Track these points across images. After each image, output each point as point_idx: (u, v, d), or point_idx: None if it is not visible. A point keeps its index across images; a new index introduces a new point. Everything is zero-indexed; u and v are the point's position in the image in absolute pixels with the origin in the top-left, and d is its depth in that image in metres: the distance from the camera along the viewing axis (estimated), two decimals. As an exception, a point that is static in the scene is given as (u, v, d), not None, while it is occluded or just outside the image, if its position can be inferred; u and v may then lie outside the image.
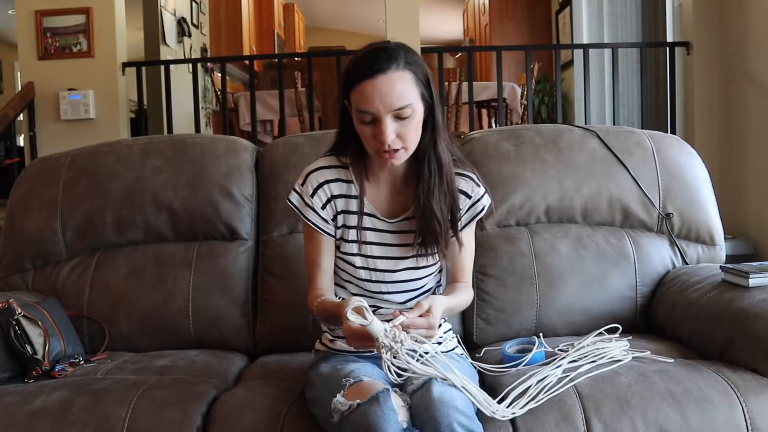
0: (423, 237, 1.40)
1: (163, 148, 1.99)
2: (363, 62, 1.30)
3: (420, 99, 1.32)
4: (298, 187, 1.46)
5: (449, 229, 1.41)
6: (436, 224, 1.38)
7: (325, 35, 9.97)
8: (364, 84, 1.28)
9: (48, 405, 1.40)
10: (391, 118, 1.29)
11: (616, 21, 5.01)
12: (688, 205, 1.92)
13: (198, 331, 1.84)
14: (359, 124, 1.33)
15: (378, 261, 1.45)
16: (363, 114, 1.30)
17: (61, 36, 3.84)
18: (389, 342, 1.18)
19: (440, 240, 1.40)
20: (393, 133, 1.30)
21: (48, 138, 3.84)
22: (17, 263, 1.96)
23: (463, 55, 5.70)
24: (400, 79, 1.28)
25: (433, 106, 1.35)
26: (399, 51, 1.31)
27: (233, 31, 6.72)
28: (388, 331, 1.19)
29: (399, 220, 1.45)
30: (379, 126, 1.30)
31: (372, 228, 1.45)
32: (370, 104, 1.28)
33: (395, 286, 1.47)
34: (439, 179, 1.38)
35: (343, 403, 1.15)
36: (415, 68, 1.31)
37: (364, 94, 1.28)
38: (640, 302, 1.84)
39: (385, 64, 1.28)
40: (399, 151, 1.33)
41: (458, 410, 1.15)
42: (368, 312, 1.19)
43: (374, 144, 1.33)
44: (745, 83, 3.13)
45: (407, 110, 1.29)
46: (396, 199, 1.45)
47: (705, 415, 1.31)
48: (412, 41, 3.65)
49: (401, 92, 1.28)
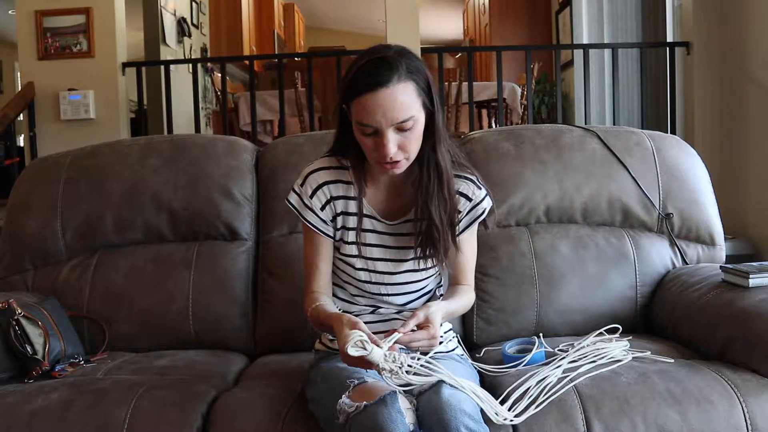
0: (422, 243, 1.39)
1: (163, 148, 1.99)
2: (364, 74, 1.26)
3: (422, 108, 1.30)
4: (297, 187, 1.45)
5: (449, 235, 1.39)
6: (434, 230, 1.36)
7: (325, 35, 9.97)
8: (365, 97, 1.25)
9: (48, 405, 1.40)
10: (393, 130, 1.27)
11: (616, 21, 5.01)
12: (688, 205, 1.92)
13: (198, 331, 1.84)
14: (360, 135, 1.31)
15: (378, 263, 1.45)
16: (364, 127, 1.28)
17: (61, 36, 3.84)
18: (389, 366, 1.18)
19: (439, 246, 1.38)
20: (395, 146, 1.28)
21: (48, 138, 3.84)
22: (17, 263, 1.96)
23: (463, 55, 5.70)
24: (402, 91, 1.26)
25: (434, 111, 1.33)
26: (400, 60, 1.27)
27: (233, 31, 6.71)
28: (387, 356, 1.18)
29: (399, 223, 1.44)
30: (380, 139, 1.28)
31: (372, 230, 1.44)
32: (372, 118, 1.26)
33: (395, 288, 1.46)
34: (438, 184, 1.36)
35: (349, 404, 1.15)
36: (417, 76, 1.28)
37: (365, 108, 1.26)
38: (640, 302, 1.84)
39: (386, 76, 1.25)
40: (400, 162, 1.32)
41: (466, 413, 1.15)
42: (367, 343, 1.17)
43: (375, 155, 1.31)
44: (745, 83, 3.13)
45: (409, 122, 1.27)
46: (396, 201, 1.45)
47: (705, 415, 1.31)
48: (412, 41, 3.66)
49: (404, 105, 1.26)
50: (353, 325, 1.22)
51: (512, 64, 5.83)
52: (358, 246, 1.43)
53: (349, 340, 1.17)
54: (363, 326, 1.22)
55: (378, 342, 1.19)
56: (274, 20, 7.91)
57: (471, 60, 3.99)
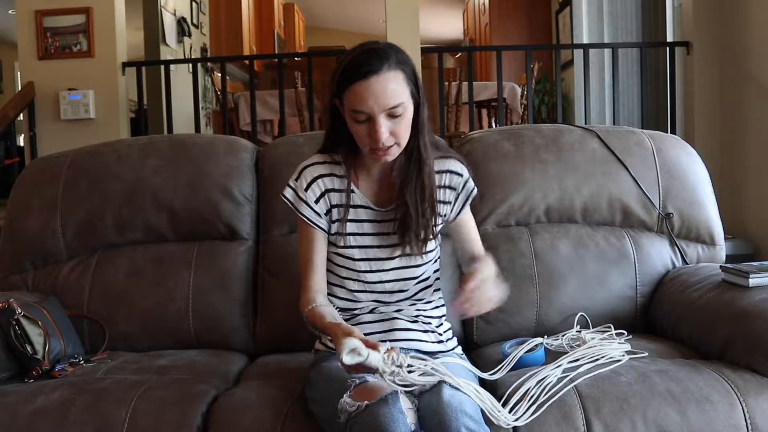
0: (398, 228, 1.44)
1: (163, 148, 1.99)
2: (355, 63, 1.33)
3: (410, 97, 1.36)
4: (292, 182, 1.48)
5: (428, 222, 1.43)
6: (408, 217, 1.42)
7: (325, 35, 9.96)
8: (357, 85, 1.32)
9: (48, 405, 1.40)
10: (384, 116, 1.33)
11: (616, 21, 5.01)
12: (688, 205, 1.92)
13: (198, 331, 1.84)
14: (353, 124, 1.36)
15: (375, 250, 1.47)
16: (357, 114, 1.34)
17: (61, 36, 3.84)
18: (390, 368, 1.17)
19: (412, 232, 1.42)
20: (387, 131, 1.34)
21: (48, 138, 3.84)
22: (17, 263, 1.96)
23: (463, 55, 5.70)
24: (393, 78, 1.32)
25: (420, 103, 1.39)
26: (390, 51, 1.34)
27: (233, 31, 6.71)
28: (386, 359, 1.18)
29: (390, 209, 1.48)
30: (373, 125, 1.33)
31: (367, 219, 1.48)
32: (364, 104, 1.32)
33: (394, 273, 1.48)
34: (418, 173, 1.42)
35: (350, 404, 1.15)
36: (405, 67, 1.35)
37: (358, 95, 1.32)
38: (640, 302, 1.84)
39: (377, 64, 1.31)
40: (392, 148, 1.37)
41: (467, 414, 1.15)
42: (362, 348, 1.17)
43: (368, 142, 1.36)
44: (745, 83, 3.13)
45: (399, 108, 1.33)
46: (388, 189, 1.48)
47: (705, 415, 1.31)
48: (412, 41, 3.66)
49: (394, 91, 1.32)
50: (349, 334, 1.22)
51: (512, 64, 5.83)
52: (353, 236, 1.46)
53: (343, 349, 1.16)
54: (358, 334, 1.22)
55: (376, 345, 1.19)
56: (274, 20, 7.91)
57: (471, 60, 3.99)
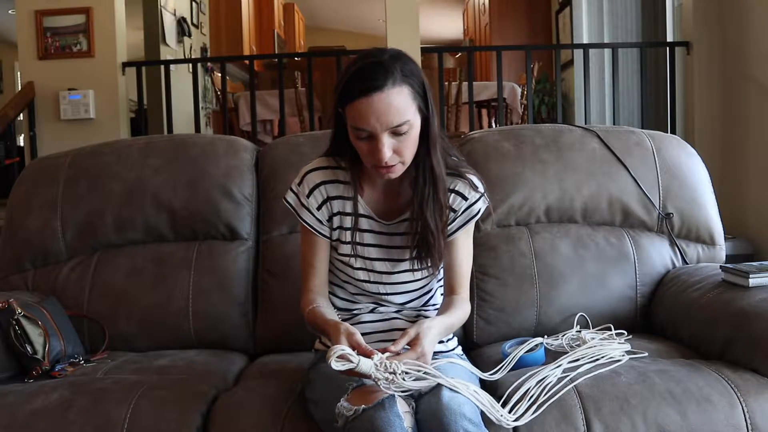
0: (418, 244, 1.38)
1: (163, 148, 1.99)
2: (358, 78, 1.25)
3: (417, 112, 1.29)
4: (294, 186, 1.45)
5: (442, 240, 1.38)
6: (429, 235, 1.36)
7: (325, 35, 9.96)
8: (359, 102, 1.24)
9: (48, 405, 1.40)
10: (387, 135, 1.26)
11: (616, 21, 5.01)
12: (688, 205, 1.92)
13: (198, 331, 1.84)
14: (355, 139, 1.31)
15: (375, 263, 1.44)
16: (359, 131, 1.28)
17: (61, 36, 3.84)
18: (383, 375, 1.16)
19: (433, 251, 1.37)
20: (390, 150, 1.27)
21: (48, 138, 3.84)
22: (17, 263, 1.96)
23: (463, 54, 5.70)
24: (397, 95, 1.25)
25: (429, 115, 1.31)
26: (395, 64, 1.26)
27: (233, 31, 6.71)
28: (378, 365, 1.16)
29: (395, 222, 1.44)
30: (375, 143, 1.27)
31: (369, 230, 1.44)
32: (366, 123, 1.25)
33: (394, 287, 1.46)
34: (433, 189, 1.35)
35: (347, 408, 1.14)
36: (412, 80, 1.27)
37: (360, 112, 1.25)
38: (640, 302, 1.84)
39: (381, 80, 1.24)
40: (396, 166, 1.31)
41: (465, 417, 1.14)
42: (353, 355, 1.15)
43: (371, 159, 1.31)
44: (745, 83, 3.13)
45: (404, 126, 1.26)
46: (392, 201, 1.44)
47: (705, 415, 1.31)
48: (412, 41, 3.66)
49: (398, 109, 1.25)
50: (350, 336, 1.21)
51: (512, 64, 5.83)
52: (355, 246, 1.43)
53: (331, 356, 1.14)
54: (359, 337, 1.21)
55: (370, 351, 1.17)
56: (274, 20, 7.91)
57: (471, 60, 3.99)
